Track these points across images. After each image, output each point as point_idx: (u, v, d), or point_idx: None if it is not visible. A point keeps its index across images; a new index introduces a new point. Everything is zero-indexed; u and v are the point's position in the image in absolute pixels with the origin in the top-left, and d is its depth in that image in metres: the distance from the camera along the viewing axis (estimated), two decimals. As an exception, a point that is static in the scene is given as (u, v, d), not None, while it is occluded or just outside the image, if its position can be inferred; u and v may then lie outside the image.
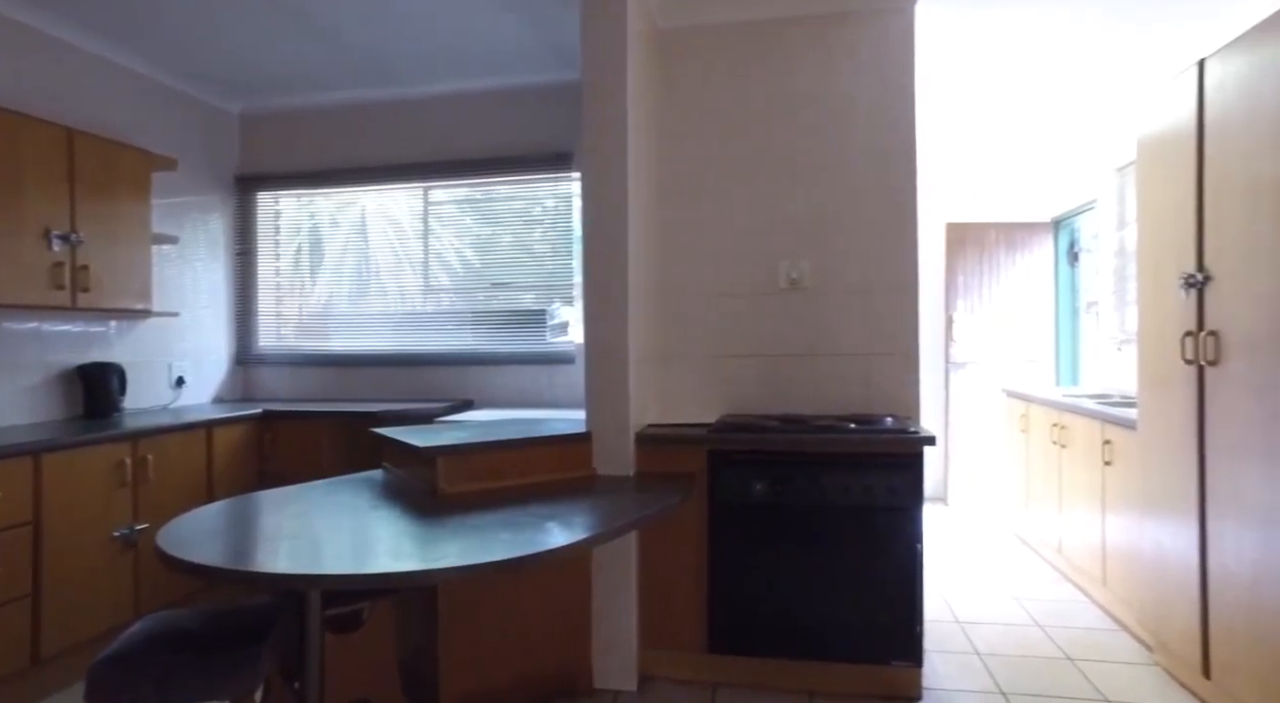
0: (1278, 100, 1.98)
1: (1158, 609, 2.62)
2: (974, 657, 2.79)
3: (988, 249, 5.28)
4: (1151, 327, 2.66)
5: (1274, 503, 1.99)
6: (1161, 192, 2.59)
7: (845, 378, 2.91)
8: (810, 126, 2.96)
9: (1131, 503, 2.84)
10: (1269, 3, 2.82)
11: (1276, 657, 1.98)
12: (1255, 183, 2.07)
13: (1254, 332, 2.08)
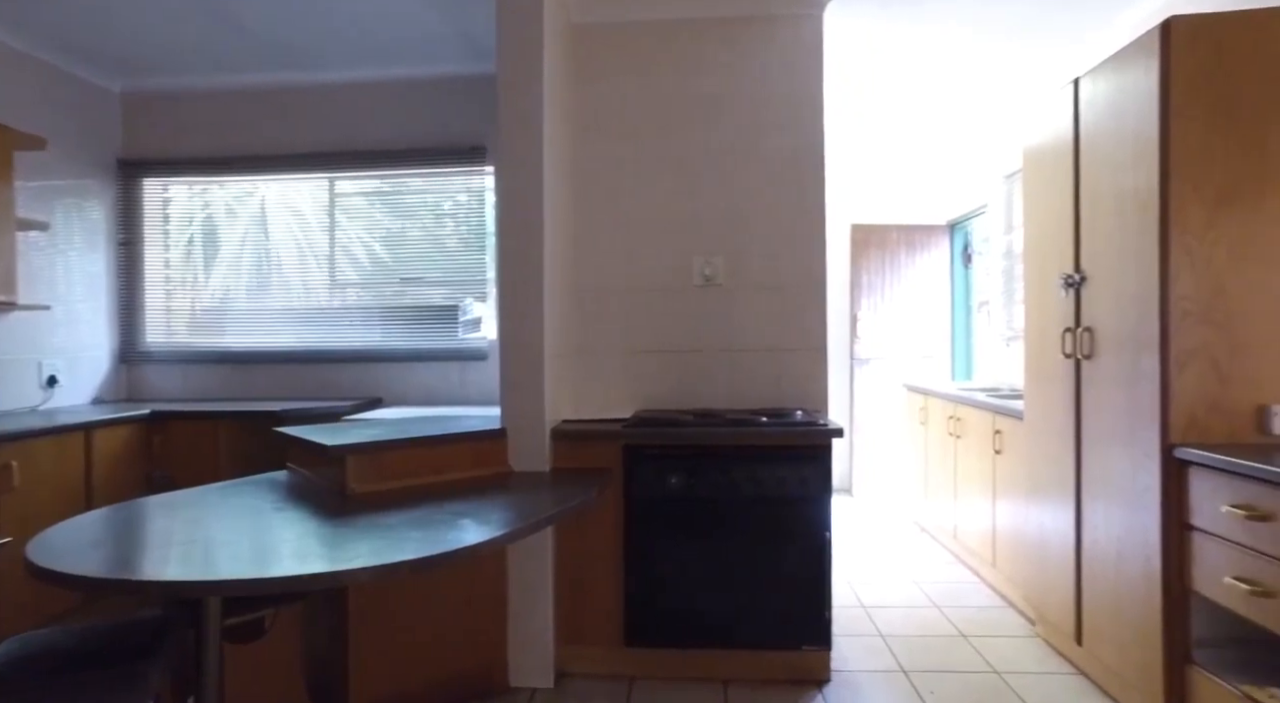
0: (1137, 119, 2.16)
1: (1040, 586, 2.82)
2: (878, 639, 2.92)
3: (889, 250, 5.53)
4: (1036, 324, 2.85)
5: (1135, 486, 2.18)
6: (1044, 198, 2.78)
7: (758, 373, 2.98)
8: (723, 126, 3.02)
9: (1018, 489, 3.04)
10: (1131, 28, 3.08)
11: (1132, 622, 2.17)
12: (1121, 193, 2.26)
13: (1121, 328, 2.26)
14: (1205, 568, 1.97)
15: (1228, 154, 2.04)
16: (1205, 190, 2.05)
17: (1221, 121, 2.05)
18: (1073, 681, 2.55)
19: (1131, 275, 2.22)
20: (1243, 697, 1.85)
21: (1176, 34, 2.06)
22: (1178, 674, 2.06)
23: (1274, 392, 2.04)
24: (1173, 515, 2.06)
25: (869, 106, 4.35)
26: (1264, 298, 2.04)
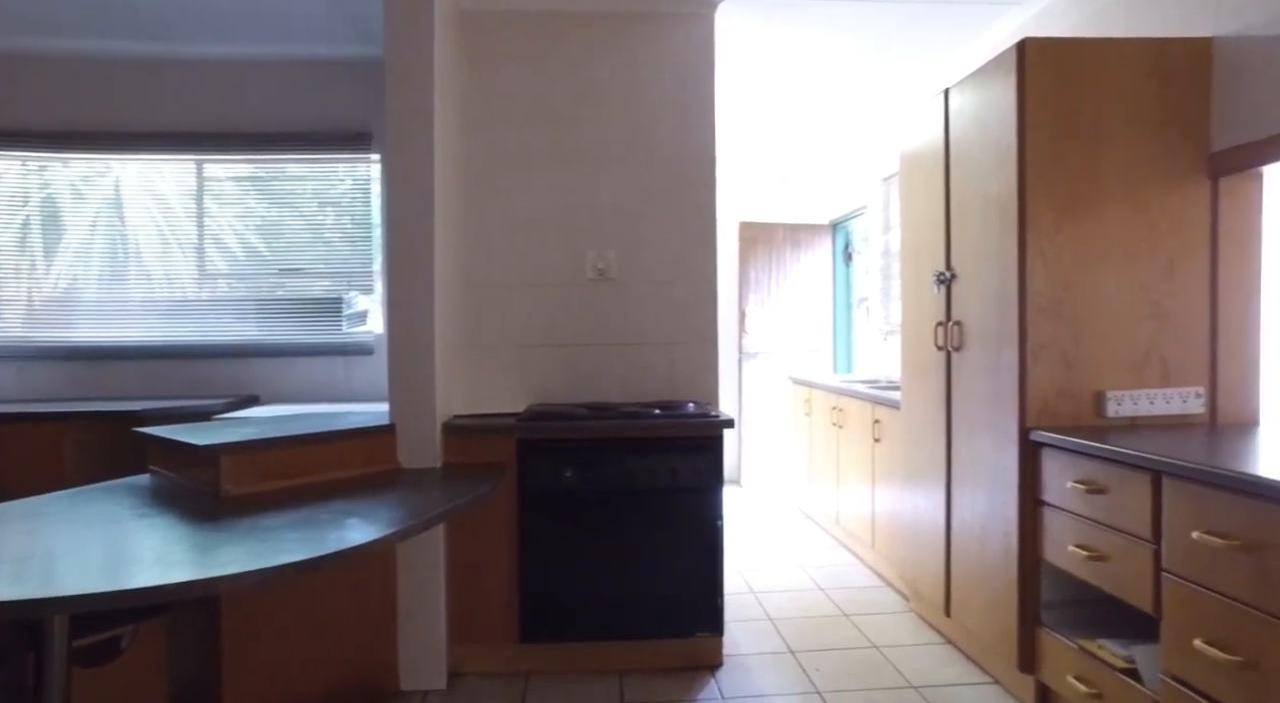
0: (999, 130, 2.34)
1: (914, 565, 3.00)
2: (767, 622, 3.03)
3: (776, 247, 5.73)
4: (911, 318, 3.03)
5: (997, 468, 2.36)
6: (918, 201, 2.96)
7: (650, 366, 3.02)
8: (616, 121, 3.03)
9: (895, 475, 3.23)
10: (997, 43, 3.32)
11: (993, 592, 2.36)
12: (986, 198, 2.43)
13: (986, 323, 2.44)
14: (1053, 539, 2.16)
15: (1072, 166, 2.24)
16: (1055, 198, 2.24)
17: (1067, 136, 2.24)
18: (942, 650, 2.74)
19: (995, 274, 2.39)
20: (1078, 649, 2.06)
21: (1030, 54, 2.24)
22: (1029, 635, 2.26)
23: (1110, 379, 2.26)
24: (1028, 493, 2.25)
25: (759, 107, 4.49)
26: (1101, 295, 2.25)
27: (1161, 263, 2.26)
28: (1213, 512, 1.60)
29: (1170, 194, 2.27)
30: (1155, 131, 2.26)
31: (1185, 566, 1.68)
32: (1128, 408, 2.25)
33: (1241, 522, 1.53)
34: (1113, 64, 2.25)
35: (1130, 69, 2.26)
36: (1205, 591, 1.62)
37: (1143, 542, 1.81)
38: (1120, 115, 2.25)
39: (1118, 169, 2.25)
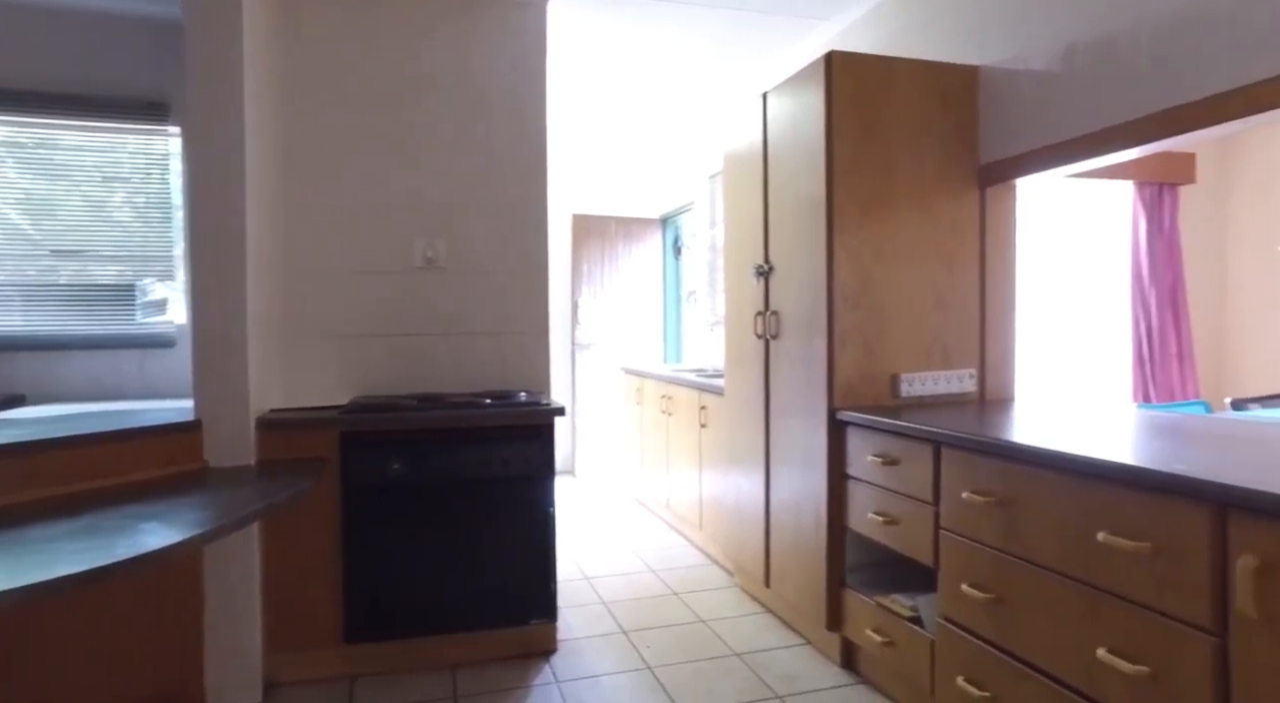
0: (809, 133, 2.54)
1: (737, 542, 3.20)
2: (600, 606, 3.11)
3: (609, 240, 5.83)
4: (734, 309, 3.22)
5: (810, 447, 2.57)
6: (740, 198, 3.14)
7: (481, 357, 2.99)
8: (446, 106, 2.96)
9: (720, 458, 3.42)
10: (814, 51, 3.60)
11: (806, 561, 2.58)
12: (798, 197, 2.64)
13: (799, 312, 2.65)
14: (856, 508, 2.39)
15: (872, 169, 2.49)
16: (857, 198, 2.47)
17: (868, 142, 2.48)
18: (763, 619, 2.94)
19: (806, 267, 2.60)
20: (875, 605, 2.30)
21: (836, 66, 2.45)
22: (836, 597, 2.49)
23: (903, 363, 2.53)
24: (836, 468, 2.47)
25: (592, 100, 4.55)
26: (896, 287, 2.52)
27: (944, 260, 2.57)
28: (977, 474, 1.85)
29: (951, 199, 2.57)
30: (938, 143, 2.56)
31: (957, 522, 1.93)
32: (917, 388, 2.53)
33: (997, 481, 1.78)
34: (904, 81, 2.52)
35: (918, 87, 2.53)
36: (971, 542, 1.87)
37: (926, 504, 2.05)
38: (910, 127, 2.52)
39: (909, 174, 2.53)
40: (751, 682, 2.44)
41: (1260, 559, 1.19)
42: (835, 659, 2.55)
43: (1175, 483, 1.34)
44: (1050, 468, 1.63)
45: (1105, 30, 2.13)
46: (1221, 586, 1.27)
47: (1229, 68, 1.80)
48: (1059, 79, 2.29)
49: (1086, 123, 2.19)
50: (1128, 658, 1.43)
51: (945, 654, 1.98)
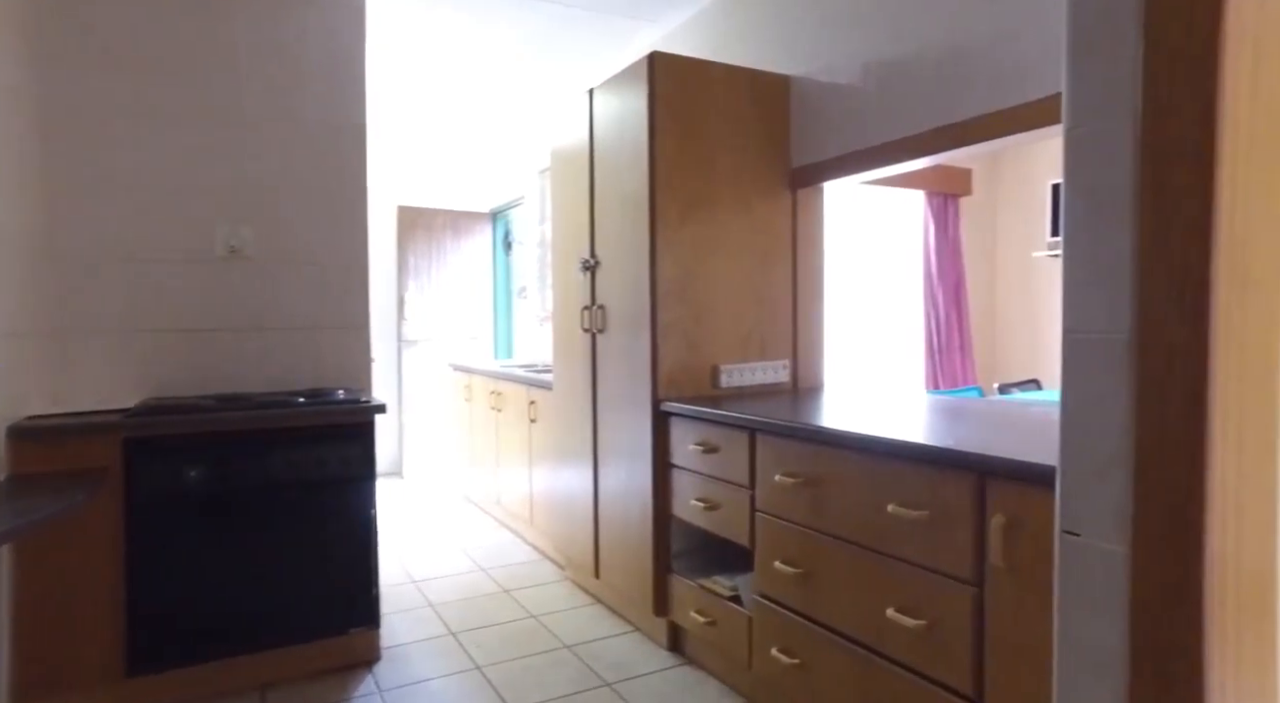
0: (634, 131, 2.60)
1: (568, 536, 3.22)
2: (428, 609, 3.00)
3: (436, 234, 5.64)
4: (562, 304, 3.22)
5: (634, 440, 2.64)
6: (568, 193, 3.15)
7: (295, 353, 2.79)
8: (253, 82, 2.72)
9: (550, 453, 3.41)
10: (639, 51, 3.68)
11: (634, 549, 2.64)
12: (623, 193, 2.69)
13: (623, 306, 2.71)
14: (680, 496, 2.48)
15: (693, 169, 2.59)
16: (679, 196, 2.56)
17: (689, 142, 2.58)
18: (594, 609, 2.98)
19: (631, 262, 2.66)
20: (699, 588, 2.40)
21: (658, 66, 2.52)
22: (662, 583, 2.57)
23: (723, 355, 2.66)
24: (660, 458, 2.55)
25: (418, 89, 4.37)
26: (716, 282, 2.64)
27: (760, 257, 2.72)
28: (787, 458, 1.98)
29: (765, 200, 2.73)
30: (754, 146, 2.71)
31: (770, 504, 2.05)
32: (736, 379, 2.67)
33: (805, 463, 1.92)
34: (723, 85, 2.64)
35: (736, 91, 2.67)
36: (783, 521, 2.00)
37: (743, 488, 2.17)
38: (728, 130, 2.65)
39: (728, 175, 2.65)
40: (582, 672, 2.46)
41: (1007, 518, 1.37)
42: (663, 643, 2.63)
43: (947, 457, 1.51)
44: (849, 449, 1.78)
45: (895, 52, 2.36)
46: (980, 544, 1.45)
47: (989, 94, 2.05)
48: (859, 93, 2.50)
49: (880, 135, 2.41)
50: (910, 614, 1.60)
51: (761, 628, 2.11)
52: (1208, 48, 0.84)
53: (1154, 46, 0.91)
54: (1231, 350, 0.84)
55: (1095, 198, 1.01)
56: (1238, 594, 0.87)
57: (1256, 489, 0.91)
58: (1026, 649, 1.37)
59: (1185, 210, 0.88)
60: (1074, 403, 1.03)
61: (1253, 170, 0.88)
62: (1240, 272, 0.84)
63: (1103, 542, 0.96)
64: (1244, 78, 0.83)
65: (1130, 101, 0.94)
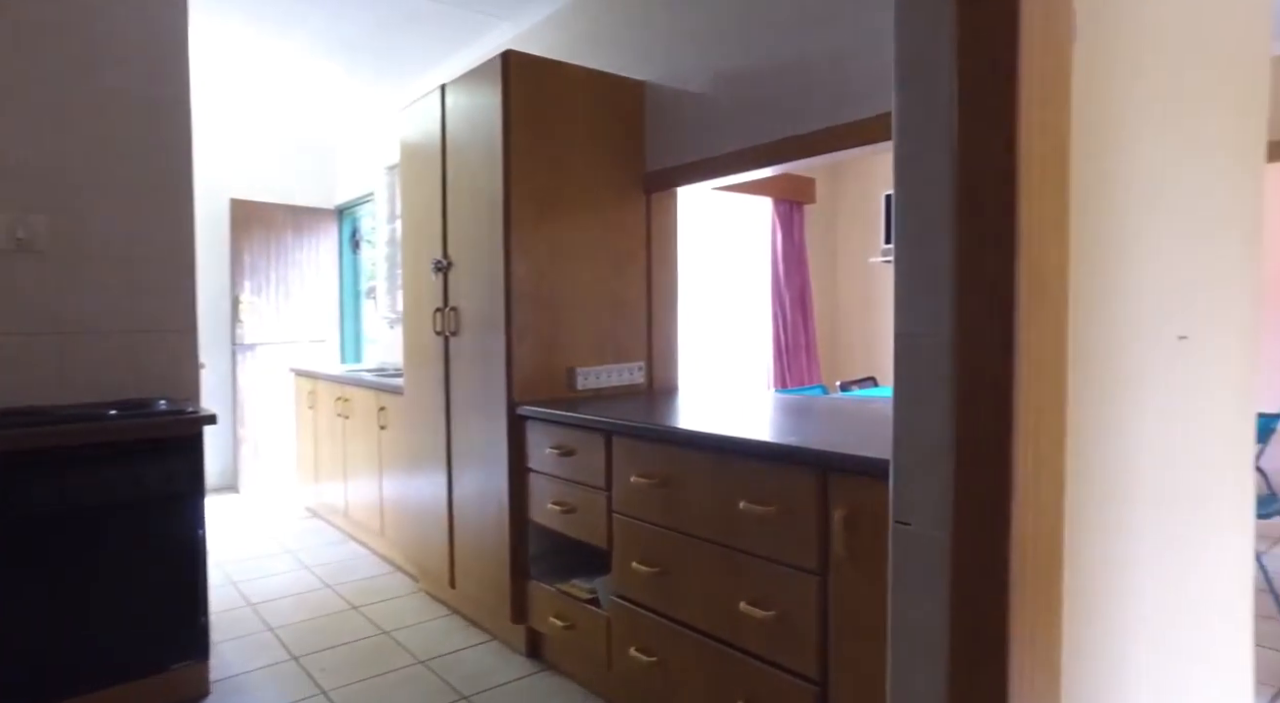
0: (488, 130, 2.54)
1: (421, 545, 3.09)
2: (266, 633, 2.79)
3: (276, 231, 5.26)
4: (413, 305, 3.10)
5: (489, 445, 2.58)
6: (419, 190, 3.03)
7: (107, 360, 2.50)
8: (50, 54, 2.41)
9: (401, 460, 3.27)
10: (495, 47, 3.60)
11: (490, 556, 2.58)
12: (477, 192, 2.62)
13: (478, 308, 2.64)
14: (537, 500, 2.45)
15: (549, 170, 2.56)
16: (535, 197, 2.53)
17: (543, 143, 2.55)
18: (449, 620, 2.88)
19: (485, 263, 2.59)
20: (557, 592, 2.39)
21: (513, 65, 2.48)
22: (520, 589, 2.53)
23: (579, 357, 2.65)
24: (517, 462, 2.51)
25: (256, 77, 4.05)
26: (572, 284, 2.63)
27: (615, 259, 2.74)
28: (643, 459, 2.00)
29: (621, 203, 2.76)
30: (610, 149, 2.72)
31: (626, 505, 2.07)
32: (592, 381, 2.67)
33: (660, 464, 1.95)
34: (579, 87, 2.63)
35: (592, 94, 2.67)
36: (639, 522, 2.03)
37: (599, 491, 2.17)
38: (584, 132, 2.65)
39: (583, 177, 2.65)
40: (436, 686, 2.37)
41: (848, 509, 1.46)
42: (522, 651, 2.59)
43: (792, 454, 1.59)
44: (702, 449, 1.83)
45: (744, 64, 2.45)
46: (824, 534, 1.54)
47: (831, 109, 2.18)
48: (710, 101, 2.57)
49: (730, 143, 2.50)
50: (761, 606, 1.66)
51: (619, 629, 2.12)
52: (1008, 81, 0.93)
53: (965, 77, 0.99)
54: (1030, 354, 0.94)
55: (920, 212, 1.09)
56: (1035, 569, 0.97)
57: (1050, 476, 1.03)
58: (866, 632, 1.46)
59: (993, 227, 0.97)
60: (904, 401, 1.11)
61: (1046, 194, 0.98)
62: (1038, 284, 0.94)
63: (929, 530, 1.04)
64: (1034, 111, 0.93)
65: (948, 125, 1.03)
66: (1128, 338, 1.26)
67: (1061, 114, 1.00)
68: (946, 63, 1.02)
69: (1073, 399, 1.08)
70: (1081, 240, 1.11)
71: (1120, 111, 1.22)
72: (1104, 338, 1.20)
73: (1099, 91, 1.15)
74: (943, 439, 1.04)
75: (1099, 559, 1.20)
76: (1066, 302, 1.04)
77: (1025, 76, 0.93)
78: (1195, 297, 1.43)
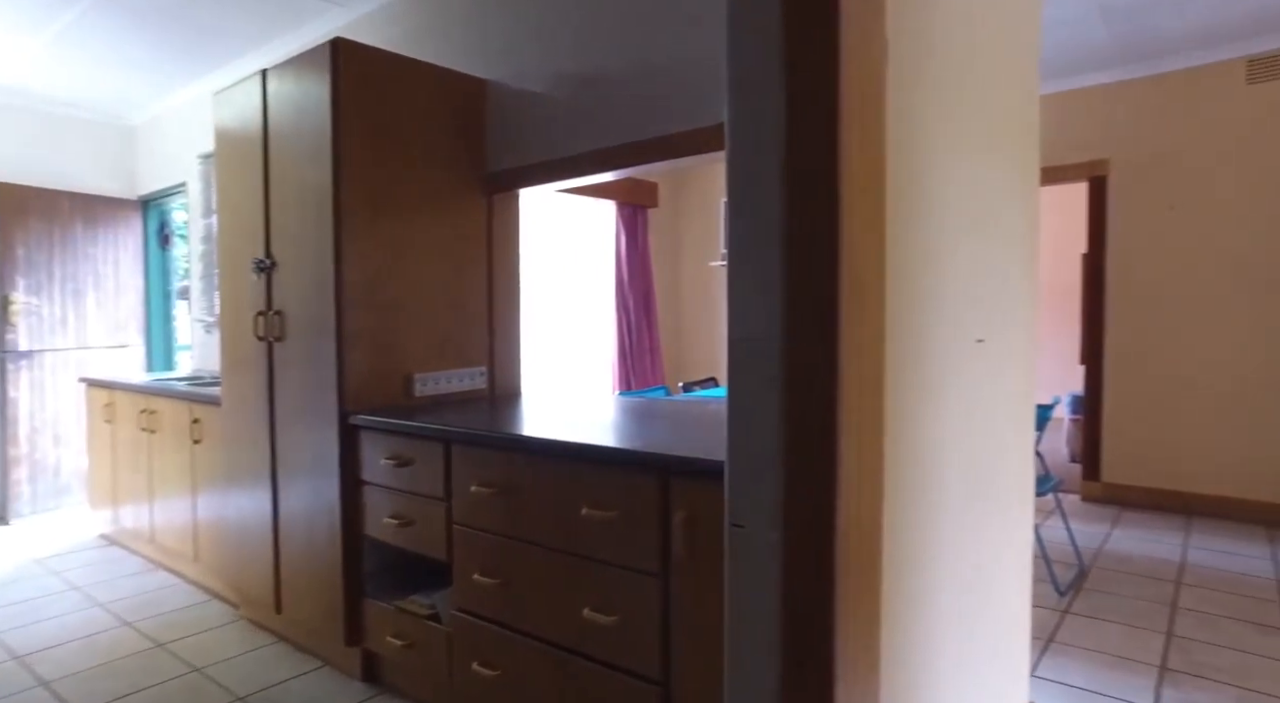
0: (317, 122, 2.37)
1: (242, 569, 2.83)
2: (38, 689, 2.42)
3: (61, 222, 4.63)
4: (232, 308, 2.83)
5: (320, 457, 2.41)
6: (238, 182, 2.78)
7: None
8: None
9: (219, 476, 2.98)
10: (320, 35, 3.37)
11: (321, 576, 2.41)
12: (305, 187, 2.44)
13: (306, 312, 2.46)
14: (373, 514, 2.32)
15: (385, 167, 2.43)
16: (370, 194, 2.39)
17: (379, 139, 2.42)
18: (275, 649, 2.66)
19: (313, 263, 2.42)
20: (395, 609, 2.27)
21: (343, 54, 2.32)
22: (355, 609, 2.38)
23: (417, 362, 2.54)
24: (350, 474, 2.36)
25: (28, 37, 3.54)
26: (409, 287, 2.51)
27: (455, 261, 2.64)
28: (483, 467, 1.95)
29: (461, 203, 2.66)
30: (449, 148, 2.63)
31: (467, 515, 2.00)
32: (431, 387, 2.56)
33: (500, 472, 1.90)
34: (417, 82, 2.52)
35: (431, 90, 2.56)
36: (480, 532, 1.96)
37: (438, 502, 2.09)
38: (422, 128, 2.53)
39: (421, 176, 2.53)
40: (258, 725, 2.17)
41: (687, 512, 1.49)
42: (357, 675, 2.43)
43: (633, 458, 1.60)
44: (544, 455, 1.80)
45: (588, 67, 2.44)
46: (665, 537, 1.56)
47: (672, 116, 2.22)
48: (553, 103, 2.55)
49: (573, 146, 2.49)
50: (604, 612, 1.66)
51: (461, 644, 2.05)
52: (831, 94, 0.98)
53: (792, 93, 1.04)
54: (852, 358, 0.99)
55: (753, 219, 1.13)
56: (858, 562, 1.03)
57: (871, 473, 1.10)
58: (706, 630, 1.49)
59: (819, 235, 1.02)
60: (738, 405, 1.14)
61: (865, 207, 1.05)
62: (858, 291, 1.00)
63: (763, 531, 1.08)
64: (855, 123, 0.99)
65: (778, 136, 1.07)
66: (936, 341, 1.37)
67: (879, 129, 1.07)
68: (775, 71, 1.06)
69: (890, 398, 1.16)
70: (895, 250, 1.19)
71: (927, 133, 1.33)
72: (916, 341, 1.30)
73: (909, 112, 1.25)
74: (774, 444, 1.08)
75: (914, 542, 1.30)
76: (884, 308, 1.12)
77: (846, 92, 0.98)
78: (990, 304, 1.59)
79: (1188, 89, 4.28)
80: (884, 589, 1.12)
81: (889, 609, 1.21)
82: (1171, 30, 3.85)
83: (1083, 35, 3.87)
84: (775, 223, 1.06)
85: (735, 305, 1.14)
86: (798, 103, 1.03)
